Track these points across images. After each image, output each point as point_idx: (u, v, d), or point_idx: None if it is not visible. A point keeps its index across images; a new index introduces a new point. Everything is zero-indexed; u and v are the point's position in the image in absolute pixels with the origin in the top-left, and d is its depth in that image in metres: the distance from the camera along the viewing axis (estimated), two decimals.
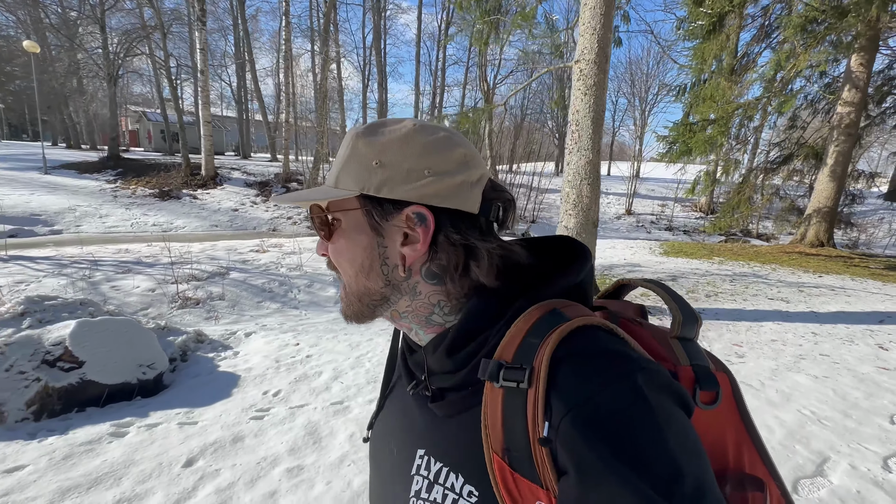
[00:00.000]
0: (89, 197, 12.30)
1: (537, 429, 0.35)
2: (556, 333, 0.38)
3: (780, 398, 2.62)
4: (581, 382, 0.35)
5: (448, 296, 0.47)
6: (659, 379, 0.35)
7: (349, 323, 0.50)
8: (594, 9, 3.58)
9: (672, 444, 0.32)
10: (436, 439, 0.46)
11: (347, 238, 0.46)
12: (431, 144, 0.45)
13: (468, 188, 0.46)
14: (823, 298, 4.81)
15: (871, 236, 13.26)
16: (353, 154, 0.45)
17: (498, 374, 0.38)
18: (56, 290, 5.59)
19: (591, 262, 0.48)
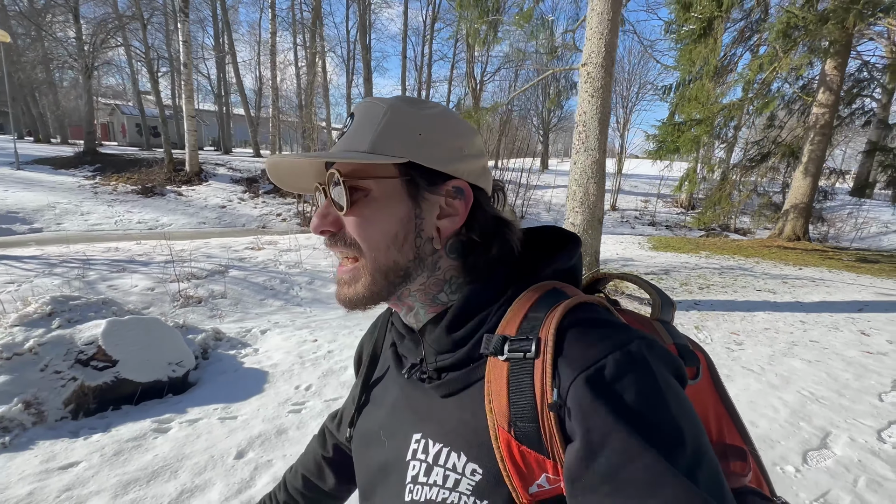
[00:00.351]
0: (68, 193, 11.87)
1: (545, 396, 0.35)
2: (561, 306, 0.39)
3: (780, 381, 2.85)
4: (586, 348, 0.36)
5: (459, 271, 0.48)
6: (658, 349, 0.37)
7: (353, 310, 0.47)
8: (602, 14, 3.73)
9: (673, 407, 0.33)
10: (434, 421, 0.45)
11: (380, 207, 0.44)
12: (464, 128, 0.47)
13: (487, 172, 0.50)
14: (806, 289, 5.14)
15: (839, 230, 14.00)
16: (395, 121, 0.44)
17: (502, 348, 0.39)
18: (51, 290, 5.47)
19: (580, 248, 0.50)
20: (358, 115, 0.46)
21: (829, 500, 1.78)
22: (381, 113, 0.44)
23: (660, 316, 0.48)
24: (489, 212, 0.47)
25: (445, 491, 0.41)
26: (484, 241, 0.46)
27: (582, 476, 0.33)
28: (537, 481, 0.37)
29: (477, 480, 0.40)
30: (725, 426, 0.47)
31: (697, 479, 0.31)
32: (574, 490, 0.34)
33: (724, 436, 0.46)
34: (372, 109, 0.45)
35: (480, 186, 0.47)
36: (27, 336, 2.43)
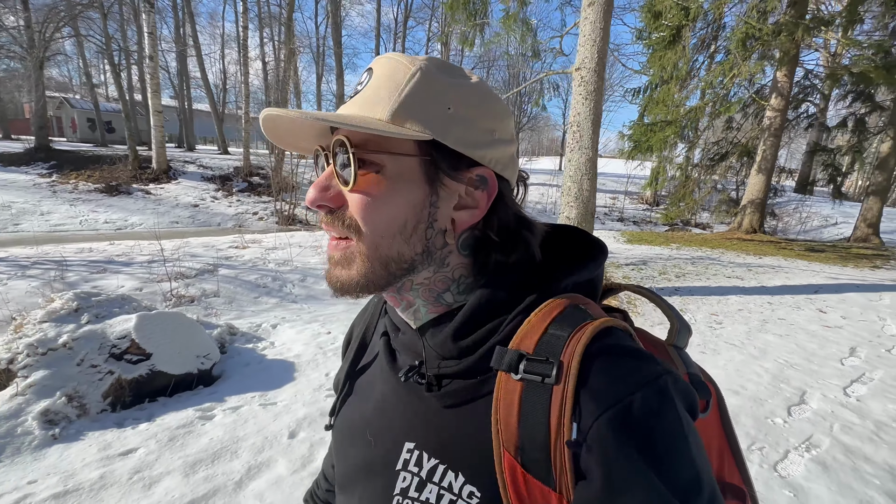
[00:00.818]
0: (23, 192, 11.13)
1: (563, 429, 0.33)
2: (589, 329, 0.35)
3: (758, 352, 3.25)
4: (613, 382, 0.33)
5: (470, 270, 0.43)
6: (682, 385, 0.35)
7: (344, 296, 0.41)
8: (594, 23, 4.04)
9: (693, 451, 0.32)
10: (430, 432, 0.42)
11: (391, 188, 0.38)
12: (499, 107, 0.42)
13: (515, 161, 0.44)
14: (768, 275, 5.71)
15: (786, 224, 15.26)
16: (424, 89, 0.38)
17: (518, 366, 0.35)
18: (30, 293, 5.24)
19: (605, 258, 0.46)
20: (379, 72, 0.39)
21: (813, 442, 2.12)
22: (408, 76, 0.38)
23: (675, 342, 0.45)
24: (512, 208, 0.42)
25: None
26: (502, 240, 0.42)
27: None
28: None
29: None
30: (727, 464, 0.45)
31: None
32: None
33: (724, 474, 0.45)
34: (397, 69, 0.38)
35: (506, 178, 0.42)
36: (59, 332, 2.43)
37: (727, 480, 0.45)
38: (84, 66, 20.68)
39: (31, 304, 4.96)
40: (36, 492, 1.70)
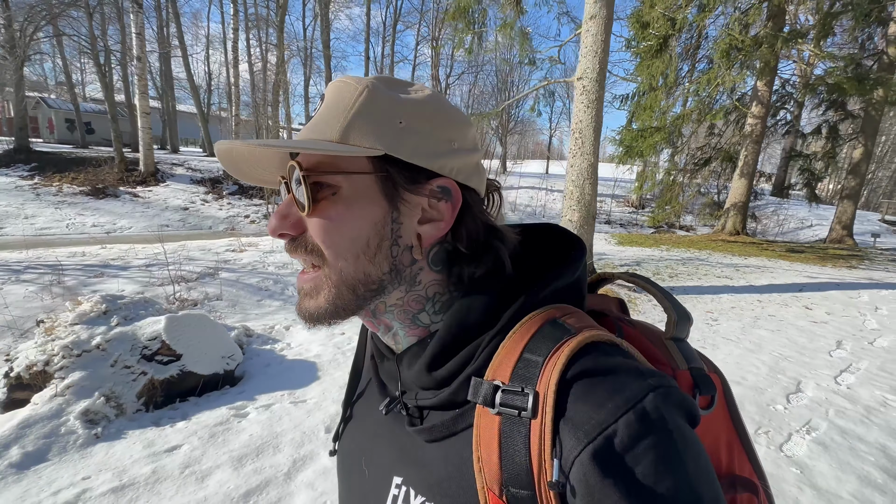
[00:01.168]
0: (5, 195, 10.82)
1: (544, 468, 0.31)
2: (563, 353, 0.33)
3: (754, 346, 3.47)
4: (593, 410, 0.31)
5: (444, 287, 0.42)
6: (672, 397, 0.32)
7: (314, 325, 0.41)
8: (596, 36, 4.25)
9: (690, 470, 0.30)
10: (415, 467, 0.41)
11: (349, 209, 0.38)
12: (455, 117, 0.41)
13: (481, 170, 0.43)
14: (755, 275, 6.01)
15: (764, 226, 15.88)
16: (371, 106, 0.38)
17: (493, 399, 0.34)
18: (28, 297, 5.18)
19: (585, 256, 0.44)
20: (329, 96, 0.40)
21: (812, 425, 2.32)
22: (355, 95, 0.38)
23: (674, 334, 0.43)
24: (480, 218, 0.41)
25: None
26: (472, 252, 0.40)
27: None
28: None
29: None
30: (737, 456, 0.44)
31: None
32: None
33: (734, 466, 0.43)
34: (344, 90, 0.39)
35: (472, 187, 0.41)
36: (91, 334, 2.46)
37: (737, 473, 0.43)
38: (64, 65, 20.13)
39: (31, 309, 4.90)
40: (93, 487, 1.75)
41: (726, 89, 9.31)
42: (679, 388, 0.33)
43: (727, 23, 9.17)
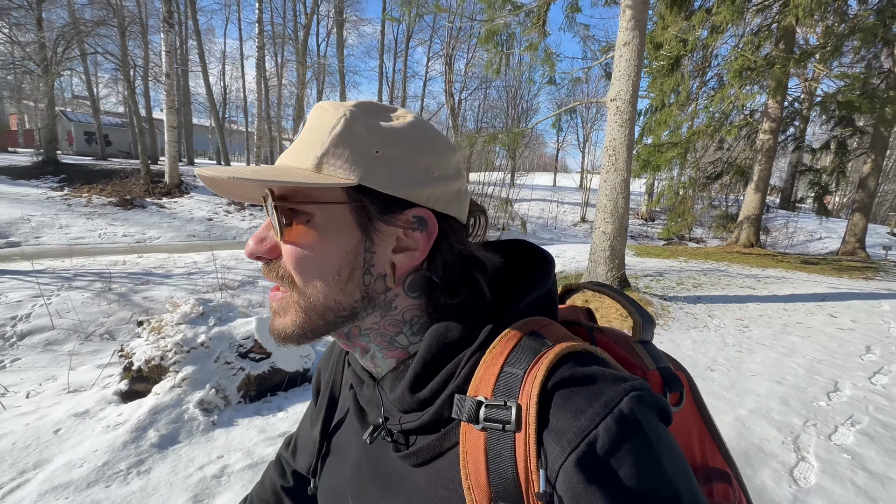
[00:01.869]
0: (38, 206, 11.18)
1: (531, 479, 0.32)
2: (543, 365, 0.34)
3: (788, 351, 3.69)
4: (574, 417, 0.32)
5: (423, 311, 0.42)
6: (647, 399, 0.34)
7: (284, 344, 0.41)
8: (629, 61, 4.57)
9: (668, 469, 0.32)
10: (403, 494, 0.41)
11: (321, 237, 0.38)
12: (436, 144, 0.41)
13: (463, 196, 0.43)
14: (776, 285, 6.23)
15: (774, 239, 16.09)
16: (346, 136, 0.37)
17: (477, 415, 0.34)
18: (86, 303, 5.46)
19: (554, 268, 0.46)
20: (309, 122, 0.40)
21: (855, 419, 2.54)
22: (333, 123, 0.38)
23: (641, 337, 0.45)
24: (456, 248, 0.41)
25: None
26: (446, 283, 0.41)
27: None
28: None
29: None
30: (709, 449, 0.46)
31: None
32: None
33: (707, 459, 0.45)
34: (323, 118, 0.39)
35: (452, 215, 0.41)
36: (195, 332, 2.72)
37: (710, 465, 0.45)
38: (87, 80, 20.79)
39: (91, 314, 5.18)
40: (230, 463, 1.99)
41: (739, 107, 9.65)
42: (651, 390, 0.35)
43: (737, 44, 9.57)
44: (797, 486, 1.97)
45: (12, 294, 5.35)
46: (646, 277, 6.56)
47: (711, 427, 0.46)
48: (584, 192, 18.57)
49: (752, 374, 3.20)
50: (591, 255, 5.23)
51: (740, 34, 9.47)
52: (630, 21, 4.53)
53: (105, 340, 4.80)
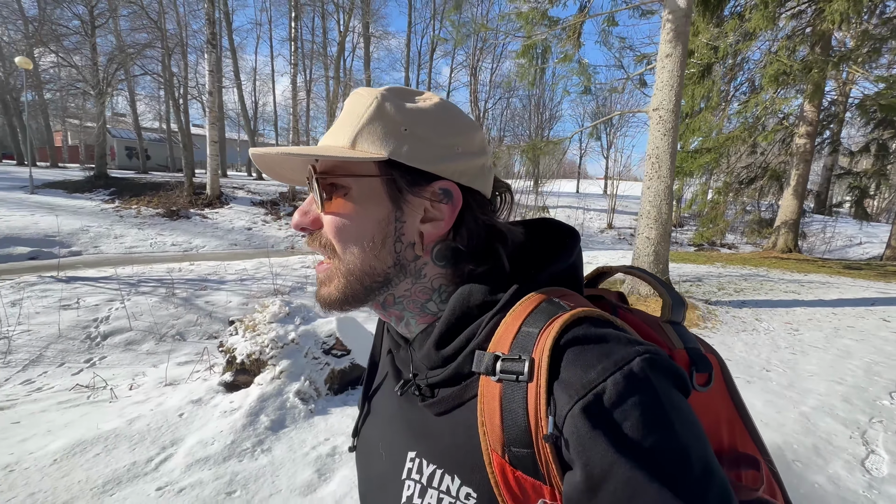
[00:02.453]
0: (95, 217, 11.95)
1: (540, 425, 0.34)
2: (557, 322, 0.36)
3: (843, 353, 3.72)
4: (584, 371, 0.33)
5: (450, 280, 0.46)
6: (660, 362, 0.34)
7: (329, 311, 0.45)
8: (672, 72, 4.72)
9: (677, 427, 0.32)
10: (428, 440, 0.44)
11: (357, 208, 0.42)
12: (460, 123, 0.45)
13: (487, 172, 0.46)
14: (822, 290, 6.18)
15: (811, 244, 15.66)
16: (378, 115, 0.42)
17: (494, 367, 0.37)
18: (155, 306, 5.86)
19: (579, 243, 0.48)
20: (346, 106, 0.45)
21: None
22: (367, 105, 0.42)
23: (670, 317, 0.46)
24: (480, 219, 0.44)
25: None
26: (471, 252, 0.44)
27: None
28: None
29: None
30: (738, 434, 0.46)
31: (708, 501, 0.30)
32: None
33: (736, 444, 0.45)
34: (358, 101, 0.44)
35: (476, 189, 0.45)
36: (286, 330, 3.00)
37: (740, 450, 0.45)
38: (131, 98, 22.05)
39: (161, 317, 5.57)
40: (338, 444, 2.23)
41: (774, 112, 9.60)
42: (667, 357, 0.35)
43: (769, 48, 9.54)
44: (870, 475, 2.07)
45: (89, 298, 5.81)
46: (685, 283, 6.60)
47: (743, 413, 0.47)
48: (610, 198, 18.51)
49: (810, 374, 3.27)
50: (634, 260, 5.34)
51: (773, 39, 9.45)
52: (671, 33, 4.69)
53: (176, 341, 5.18)
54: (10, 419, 2.73)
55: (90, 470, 1.97)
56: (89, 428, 2.34)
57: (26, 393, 3.50)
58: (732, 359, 3.58)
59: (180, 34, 16.84)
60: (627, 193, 20.50)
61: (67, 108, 28.21)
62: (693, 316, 4.58)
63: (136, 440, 2.21)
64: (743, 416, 0.46)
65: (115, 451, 2.11)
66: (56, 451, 2.09)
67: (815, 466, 2.14)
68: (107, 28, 16.66)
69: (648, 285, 0.54)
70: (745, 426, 0.46)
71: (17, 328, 4.71)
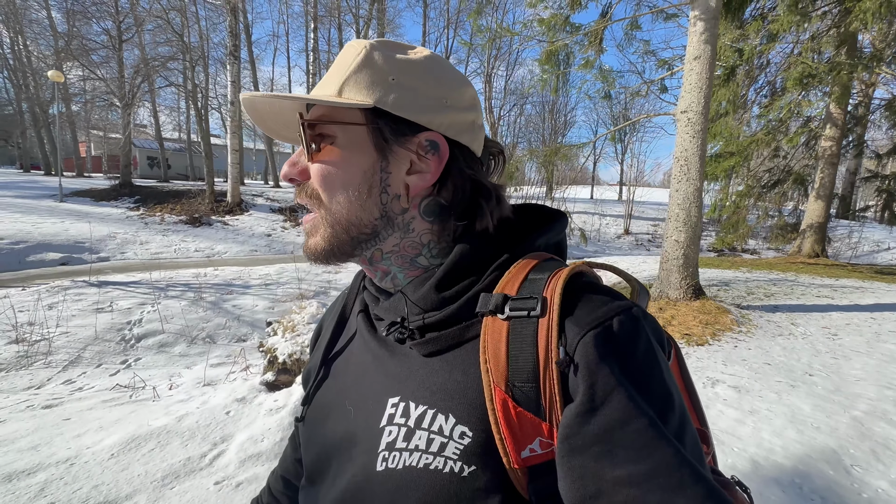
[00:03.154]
0: (121, 224, 12.28)
1: (550, 354, 0.35)
2: (565, 270, 0.39)
3: (888, 359, 3.61)
4: (593, 309, 0.36)
5: (439, 236, 0.45)
6: (651, 319, 0.39)
7: (316, 262, 0.45)
8: (700, 74, 4.69)
9: (665, 373, 0.36)
10: (416, 382, 0.42)
11: (344, 157, 0.42)
12: (450, 76, 0.44)
13: (477, 129, 0.46)
14: (856, 295, 6.01)
15: (836, 249, 15.27)
16: (366, 64, 0.41)
17: (503, 307, 0.38)
18: (185, 310, 5.96)
19: (567, 225, 0.50)
20: (338, 57, 0.44)
21: None
22: (355, 55, 0.42)
23: (637, 302, 0.48)
24: (466, 172, 0.45)
25: (429, 456, 0.38)
26: (452, 205, 0.44)
27: (576, 434, 0.33)
28: (530, 445, 0.36)
29: (466, 444, 0.37)
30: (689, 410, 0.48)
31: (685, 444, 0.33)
32: (563, 449, 0.34)
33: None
34: (348, 51, 0.43)
35: (464, 144, 0.44)
36: None
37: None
38: (153, 109, 22.69)
39: (192, 319, 5.67)
40: None
41: (800, 114, 9.45)
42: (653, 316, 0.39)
43: (793, 50, 9.42)
44: None
45: (121, 302, 5.96)
46: (712, 287, 6.49)
47: (692, 391, 0.50)
48: (626, 204, 18.35)
49: (856, 379, 3.18)
50: (662, 264, 5.28)
51: (797, 41, 9.33)
52: (702, 35, 4.67)
53: (207, 343, 5.27)
54: (61, 416, 2.80)
55: (148, 464, 2.01)
56: (140, 425, 2.39)
57: (69, 392, 3.60)
58: (771, 363, 3.51)
59: (202, 46, 17.32)
60: (644, 199, 20.31)
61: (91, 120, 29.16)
62: (726, 320, 4.50)
63: (187, 436, 2.26)
64: (691, 395, 0.50)
65: (168, 447, 2.16)
66: (112, 446, 2.15)
67: (875, 471, 2.08)
68: (133, 42, 17.25)
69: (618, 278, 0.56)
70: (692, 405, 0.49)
71: (56, 330, 4.86)
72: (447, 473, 0.37)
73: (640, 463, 0.31)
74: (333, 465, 0.47)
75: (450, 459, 0.37)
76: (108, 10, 15.08)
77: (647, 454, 0.31)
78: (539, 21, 6.89)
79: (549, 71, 7.15)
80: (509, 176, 8.92)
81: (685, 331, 4.31)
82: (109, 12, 15.03)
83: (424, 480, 0.38)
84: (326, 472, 0.48)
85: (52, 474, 1.91)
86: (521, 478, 0.36)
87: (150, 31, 17.12)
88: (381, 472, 0.40)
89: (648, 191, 21.79)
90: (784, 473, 2.05)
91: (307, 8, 17.12)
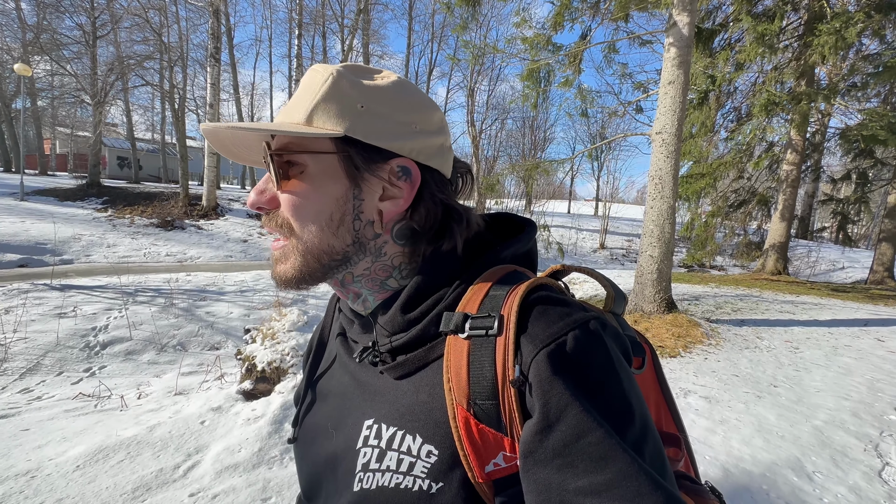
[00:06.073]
0: (87, 226, 11.75)
1: (507, 372, 0.36)
2: (523, 285, 0.39)
3: (844, 371, 3.83)
4: (548, 325, 0.37)
5: (409, 258, 0.46)
6: (610, 328, 0.39)
7: (285, 289, 0.45)
8: (674, 98, 4.94)
9: (625, 384, 0.36)
10: (387, 404, 0.44)
11: (314, 186, 0.42)
12: (418, 101, 0.45)
13: (446, 152, 0.47)
14: (815, 311, 6.35)
15: (796, 268, 16.09)
16: (334, 92, 0.41)
17: (464, 325, 0.39)
18: (155, 315, 5.76)
19: (536, 233, 0.51)
20: (302, 82, 0.44)
21: None
22: (322, 81, 0.42)
23: (612, 308, 0.49)
24: (438, 197, 0.45)
25: (399, 476, 0.39)
26: (425, 230, 0.45)
27: (537, 449, 0.34)
28: (494, 460, 0.37)
29: (432, 462, 0.39)
30: (664, 415, 0.50)
31: (644, 454, 0.33)
32: (527, 464, 0.34)
33: (661, 423, 0.50)
34: (314, 77, 0.43)
35: (434, 167, 0.45)
36: (305, 338, 2.99)
37: (664, 430, 0.50)
38: (126, 109, 21.99)
39: (162, 326, 5.47)
40: None
41: (765, 139, 10.01)
42: (615, 326, 0.40)
43: (758, 79, 10.03)
44: (888, 485, 2.13)
45: (86, 307, 5.69)
46: (683, 301, 6.72)
47: (668, 396, 0.51)
48: (602, 219, 18.87)
49: (817, 390, 3.35)
50: (637, 278, 5.45)
51: (761, 70, 9.93)
52: (675, 60, 4.93)
53: (178, 351, 5.08)
54: (18, 426, 2.65)
55: (116, 476, 1.92)
56: (108, 435, 2.29)
57: (27, 401, 3.40)
58: (739, 374, 3.66)
59: (181, 47, 16.98)
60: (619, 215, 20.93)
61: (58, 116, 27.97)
62: (697, 333, 4.67)
63: (159, 447, 2.17)
64: (668, 400, 0.50)
65: (139, 458, 2.07)
66: (77, 458, 2.05)
67: (835, 478, 2.19)
68: (108, 39, 16.74)
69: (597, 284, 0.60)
70: (668, 408, 0.50)
71: (13, 336, 4.59)
72: (416, 492, 0.38)
73: (600, 473, 0.32)
74: (324, 485, 0.48)
75: (418, 478, 0.39)
76: (83, 5, 14.62)
77: (605, 465, 0.32)
78: (522, 39, 7.11)
79: (530, 87, 7.36)
80: (490, 188, 9.05)
81: (658, 343, 4.45)
82: (84, 7, 14.56)
83: (396, 500, 0.39)
84: (319, 493, 0.49)
85: (11, 488, 1.81)
86: (488, 491, 0.38)
87: (127, 29, 16.67)
88: (357, 492, 0.41)
89: (623, 207, 22.51)
90: (753, 480, 2.14)
91: (292, 15, 17.12)
